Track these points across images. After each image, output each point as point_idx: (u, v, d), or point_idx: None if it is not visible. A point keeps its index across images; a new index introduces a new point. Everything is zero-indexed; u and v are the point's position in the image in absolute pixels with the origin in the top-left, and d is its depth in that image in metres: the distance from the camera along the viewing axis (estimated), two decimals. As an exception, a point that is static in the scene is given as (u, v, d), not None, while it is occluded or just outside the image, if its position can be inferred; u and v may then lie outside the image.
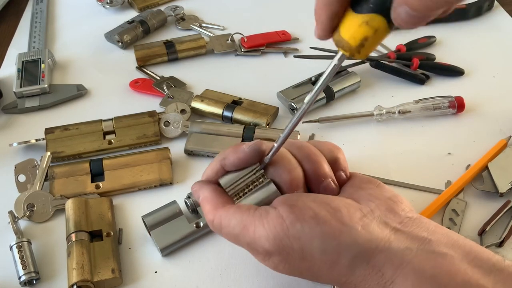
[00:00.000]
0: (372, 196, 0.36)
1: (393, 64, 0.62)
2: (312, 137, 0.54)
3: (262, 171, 0.37)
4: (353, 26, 0.28)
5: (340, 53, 0.30)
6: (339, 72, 0.60)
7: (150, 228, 0.44)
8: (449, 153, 0.52)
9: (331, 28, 0.30)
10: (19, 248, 0.43)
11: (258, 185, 0.37)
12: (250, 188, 0.37)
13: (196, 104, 0.57)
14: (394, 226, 0.34)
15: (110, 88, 0.63)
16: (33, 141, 0.54)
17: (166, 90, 0.60)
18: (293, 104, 0.56)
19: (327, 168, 0.38)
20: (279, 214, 0.33)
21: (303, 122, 0.56)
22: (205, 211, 0.37)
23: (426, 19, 0.27)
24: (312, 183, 0.38)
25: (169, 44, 0.66)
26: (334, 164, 0.39)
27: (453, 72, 0.62)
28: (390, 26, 0.28)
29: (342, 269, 0.33)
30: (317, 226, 0.32)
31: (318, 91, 0.33)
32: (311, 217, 0.33)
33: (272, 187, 0.37)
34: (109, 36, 0.70)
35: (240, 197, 0.37)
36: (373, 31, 0.28)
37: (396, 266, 0.32)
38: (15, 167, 0.50)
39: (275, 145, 0.36)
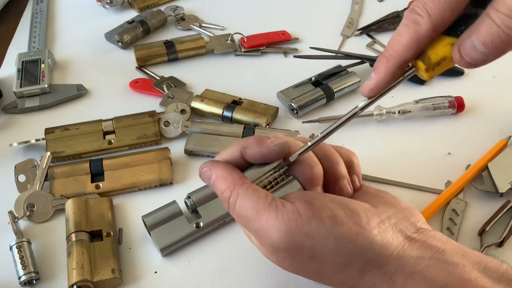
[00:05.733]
0: (389, 204, 0.35)
1: (393, 64, 0.62)
2: (312, 137, 0.54)
3: (286, 167, 0.36)
4: (439, 44, 0.30)
5: (413, 69, 0.32)
6: (339, 73, 0.60)
7: (150, 228, 0.44)
8: (449, 153, 0.52)
9: (407, 61, 0.31)
10: (19, 248, 0.43)
11: (280, 182, 0.36)
12: (272, 184, 0.36)
13: (196, 104, 0.57)
14: (409, 235, 0.34)
15: (110, 88, 0.63)
16: (33, 141, 0.54)
17: (166, 90, 0.60)
18: (293, 104, 0.56)
19: (343, 169, 0.38)
20: (296, 208, 0.32)
21: (303, 122, 0.56)
22: (221, 189, 0.35)
23: (492, 57, 0.28)
24: (328, 183, 0.38)
25: (169, 44, 0.66)
26: (349, 167, 0.39)
27: (453, 72, 0.62)
28: None
29: (353, 273, 0.32)
30: (335, 227, 0.32)
31: (370, 102, 0.33)
32: (329, 217, 0.32)
33: (296, 184, 0.36)
34: (109, 36, 0.70)
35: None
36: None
37: (408, 275, 0.32)
38: (15, 167, 0.50)
39: (306, 145, 0.36)
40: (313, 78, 0.60)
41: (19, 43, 0.71)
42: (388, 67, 0.31)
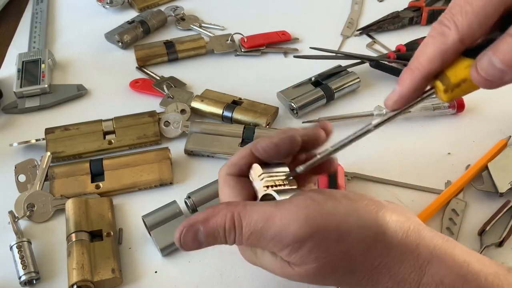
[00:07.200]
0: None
1: (393, 64, 0.62)
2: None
3: (294, 181, 0.35)
4: (460, 66, 0.29)
5: (433, 90, 0.31)
6: (339, 73, 0.60)
7: (150, 228, 0.44)
8: (449, 153, 0.52)
9: (432, 74, 0.30)
10: (19, 248, 0.43)
11: (288, 186, 0.35)
12: (280, 186, 0.34)
13: (196, 104, 0.57)
14: (415, 220, 0.34)
15: (110, 88, 0.63)
16: (33, 141, 0.54)
17: (166, 90, 0.60)
18: (293, 104, 0.56)
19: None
20: (308, 196, 0.32)
21: (303, 122, 0.56)
22: (219, 226, 0.32)
23: (510, 76, 0.28)
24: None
25: (169, 44, 0.66)
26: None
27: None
28: None
29: (380, 247, 0.31)
30: (351, 203, 0.32)
31: (390, 118, 0.33)
32: (343, 196, 0.32)
33: None
34: (109, 36, 0.70)
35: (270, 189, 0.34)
36: None
37: (431, 248, 0.32)
38: (15, 167, 0.51)
39: (315, 158, 0.35)
40: (313, 78, 0.60)
41: (19, 43, 0.71)
42: (413, 78, 0.31)
